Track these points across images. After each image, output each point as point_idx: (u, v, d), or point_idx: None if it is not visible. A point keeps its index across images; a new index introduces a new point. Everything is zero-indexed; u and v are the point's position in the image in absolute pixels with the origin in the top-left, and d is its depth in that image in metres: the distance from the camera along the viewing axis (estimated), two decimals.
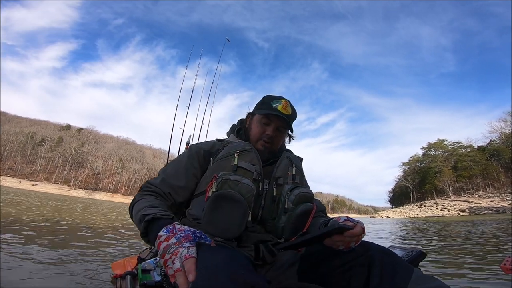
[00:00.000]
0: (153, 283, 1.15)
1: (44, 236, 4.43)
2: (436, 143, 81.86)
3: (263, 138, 1.19)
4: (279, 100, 1.20)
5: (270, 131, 1.19)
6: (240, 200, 0.99)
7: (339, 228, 0.81)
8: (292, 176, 1.15)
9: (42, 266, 2.60)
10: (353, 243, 0.85)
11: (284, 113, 1.17)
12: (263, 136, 1.20)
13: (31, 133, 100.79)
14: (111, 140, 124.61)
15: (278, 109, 1.17)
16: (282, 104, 1.18)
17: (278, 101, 1.20)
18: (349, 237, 0.83)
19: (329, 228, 0.82)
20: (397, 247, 1.29)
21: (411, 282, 0.74)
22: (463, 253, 4.84)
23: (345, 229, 0.81)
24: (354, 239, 0.84)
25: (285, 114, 1.18)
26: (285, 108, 1.18)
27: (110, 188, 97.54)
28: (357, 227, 0.85)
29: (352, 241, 0.84)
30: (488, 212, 43.80)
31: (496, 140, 67.85)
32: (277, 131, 1.20)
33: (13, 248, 3.20)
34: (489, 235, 8.29)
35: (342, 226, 0.81)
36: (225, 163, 1.09)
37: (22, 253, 3.04)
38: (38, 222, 6.19)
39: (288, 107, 1.20)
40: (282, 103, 1.19)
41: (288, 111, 1.19)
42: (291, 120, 1.21)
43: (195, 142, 1.85)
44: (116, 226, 7.81)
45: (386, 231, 12.34)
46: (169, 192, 1.09)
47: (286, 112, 1.18)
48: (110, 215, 12.76)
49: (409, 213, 57.84)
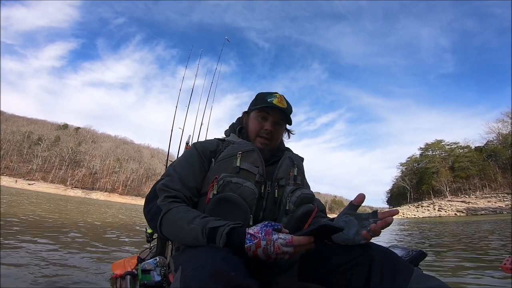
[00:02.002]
0: (153, 283, 1.15)
1: (44, 236, 4.40)
2: (434, 144, 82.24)
3: (261, 134, 1.17)
4: (273, 95, 1.18)
5: (268, 126, 1.16)
6: (241, 204, 0.97)
7: (323, 226, 0.79)
8: (294, 177, 1.13)
9: (42, 266, 2.58)
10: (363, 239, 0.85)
11: (281, 106, 1.15)
12: (261, 132, 1.17)
13: (27, 132, 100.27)
14: (109, 139, 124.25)
15: (274, 103, 1.15)
16: (277, 98, 1.16)
17: (272, 95, 1.18)
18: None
19: (313, 227, 0.81)
20: (397, 247, 1.28)
21: (411, 281, 0.74)
22: (463, 253, 4.86)
23: (330, 227, 0.80)
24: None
25: (282, 108, 1.16)
26: (281, 102, 1.16)
27: (107, 188, 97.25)
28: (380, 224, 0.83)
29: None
30: (485, 212, 44.11)
31: (493, 141, 68.30)
32: (275, 125, 1.19)
33: (13, 248, 3.16)
34: (488, 235, 8.32)
35: (326, 224, 0.80)
36: (227, 164, 1.06)
37: (22, 252, 3.01)
38: (37, 222, 6.15)
39: (283, 101, 1.18)
40: (277, 97, 1.17)
41: (283, 104, 1.17)
42: (288, 112, 1.20)
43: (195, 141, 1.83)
44: (116, 226, 7.78)
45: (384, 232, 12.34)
46: (190, 195, 1.05)
47: (282, 106, 1.16)
48: (109, 215, 12.71)
49: (406, 213, 58.06)
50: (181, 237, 0.94)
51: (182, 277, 0.68)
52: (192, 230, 0.88)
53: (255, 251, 0.79)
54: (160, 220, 0.98)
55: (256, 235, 0.81)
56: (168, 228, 0.97)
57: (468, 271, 3.23)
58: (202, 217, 0.92)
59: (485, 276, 2.96)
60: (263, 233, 0.80)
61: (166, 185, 1.05)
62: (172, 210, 0.97)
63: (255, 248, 0.79)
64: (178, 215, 0.95)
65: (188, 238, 0.90)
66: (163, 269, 1.21)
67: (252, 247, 0.80)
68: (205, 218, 0.91)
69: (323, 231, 0.81)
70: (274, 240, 0.78)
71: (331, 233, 0.83)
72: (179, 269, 0.76)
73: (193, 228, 0.88)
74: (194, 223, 0.89)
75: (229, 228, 0.84)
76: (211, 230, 0.85)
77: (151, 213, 1.04)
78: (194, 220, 0.90)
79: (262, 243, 0.79)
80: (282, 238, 0.78)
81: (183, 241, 0.94)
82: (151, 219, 1.05)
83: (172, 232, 0.97)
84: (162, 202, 1.01)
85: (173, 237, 1.00)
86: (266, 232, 0.80)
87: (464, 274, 3.09)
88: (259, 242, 0.79)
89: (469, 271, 3.26)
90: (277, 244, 0.78)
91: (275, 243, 0.78)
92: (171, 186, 1.04)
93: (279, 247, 0.78)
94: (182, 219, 0.93)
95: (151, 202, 1.08)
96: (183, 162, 1.13)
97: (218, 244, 0.83)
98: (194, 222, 0.90)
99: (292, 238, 0.78)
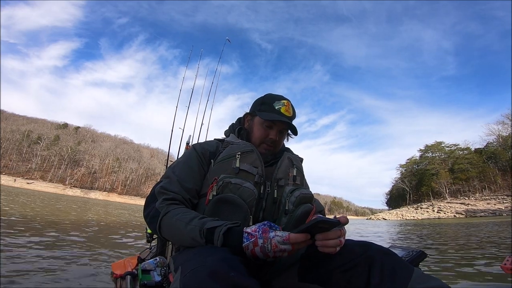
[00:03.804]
0: (153, 283, 1.15)
1: (43, 235, 4.39)
2: (434, 145, 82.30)
3: (266, 142, 1.17)
4: (281, 102, 1.17)
5: (273, 135, 1.16)
6: (241, 205, 0.98)
7: (318, 221, 0.78)
8: (293, 177, 1.14)
9: (41, 266, 2.57)
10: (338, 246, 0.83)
11: (287, 115, 1.16)
12: (266, 140, 1.17)
13: (27, 131, 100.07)
14: (108, 139, 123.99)
15: (281, 112, 1.15)
16: (284, 106, 1.16)
17: (280, 102, 1.17)
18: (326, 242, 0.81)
19: (309, 223, 0.79)
20: (397, 247, 1.29)
21: (412, 282, 0.74)
22: (463, 253, 4.86)
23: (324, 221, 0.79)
24: (333, 243, 0.81)
25: (288, 117, 1.16)
26: (288, 110, 1.17)
27: (106, 187, 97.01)
28: (332, 233, 0.81)
29: (333, 245, 0.82)
30: (484, 214, 44.12)
31: (493, 143, 68.35)
32: (280, 134, 1.19)
33: (12, 248, 3.15)
34: (488, 236, 8.33)
35: (321, 219, 0.78)
36: (226, 165, 1.06)
37: (22, 252, 3.00)
38: (36, 221, 6.13)
39: (290, 108, 1.18)
40: (284, 105, 1.16)
41: (290, 112, 1.17)
42: (292, 121, 1.20)
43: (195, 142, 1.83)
44: (115, 226, 7.76)
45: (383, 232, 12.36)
46: (189, 197, 1.06)
47: (289, 114, 1.17)
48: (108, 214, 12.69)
49: (405, 215, 58.11)
50: (179, 238, 0.94)
51: (182, 277, 0.68)
52: (190, 231, 0.89)
53: (253, 250, 0.79)
54: (159, 223, 0.98)
55: (253, 233, 0.81)
56: (167, 230, 0.97)
57: (468, 271, 3.24)
58: (200, 218, 0.92)
59: (485, 276, 2.96)
60: (260, 231, 0.81)
61: (164, 188, 1.05)
62: (170, 212, 0.97)
63: (253, 247, 0.79)
64: (176, 216, 0.95)
65: (186, 240, 0.91)
66: (163, 269, 1.21)
67: (249, 246, 0.80)
68: (203, 219, 0.91)
69: (320, 226, 0.80)
70: (271, 238, 0.79)
71: (327, 228, 0.81)
72: (178, 269, 0.76)
73: (191, 229, 0.89)
74: (192, 224, 0.90)
75: (226, 228, 0.84)
76: (208, 231, 0.85)
77: (150, 215, 1.05)
78: (192, 221, 0.91)
79: (259, 241, 0.79)
80: (279, 236, 0.78)
81: (182, 242, 0.95)
82: (150, 222, 1.05)
83: (171, 234, 0.97)
84: (160, 204, 1.01)
85: (172, 238, 1.01)
86: (263, 230, 0.81)
87: (465, 274, 3.10)
88: (256, 241, 0.79)
89: (469, 271, 3.27)
90: (274, 241, 0.78)
91: (272, 241, 0.78)
92: (170, 189, 1.04)
93: (277, 245, 0.78)
94: (180, 220, 0.93)
95: (150, 205, 1.08)
96: (182, 164, 1.12)
97: (216, 244, 0.83)
98: (192, 223, 0.90)
99: (289, 235, 0.78)
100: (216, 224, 0.87)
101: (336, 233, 0.81)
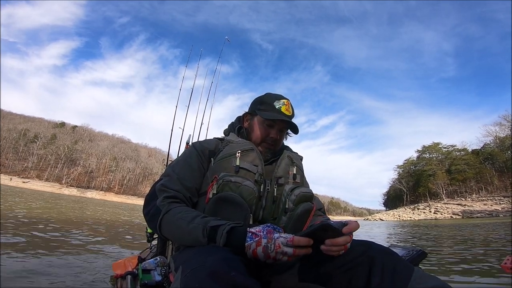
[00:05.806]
0: (154, 283, 1.15)
1: (43, 235, 4.35)
2: (431, 146, 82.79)
3: (267, 140, 1.17)
4: (281, 101, 1.17)
5: (274, 134, 1.17)
6: (241, 203, 0.97)
7: (323, 226, 0.77)
8: (293, 175, 1.13)
9: (41, 266, 2.55)
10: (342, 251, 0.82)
11: (288, 115, 1.16)
12: (267, 139, 1.17)
13: (24, 130, 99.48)
14: (106, 138, 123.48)
15: (282, 111, 1.15)
16: (285, 105, 1.16)
17: (280, 101, 1.17)
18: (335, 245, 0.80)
19: (314, 227, 0.79)
20: (398, 247, 1.29)
21: (412, 281, 0.74)
22: (462, 253, 4.87)
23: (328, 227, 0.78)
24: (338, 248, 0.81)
25: (289, 116, 1.17)
26: (288, 109, 1.17)
27: (103, 187, 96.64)
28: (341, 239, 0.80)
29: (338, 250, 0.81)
30: (481, 215, 44.33)
31: (491, 144, 68.83)
32: (280, 132, 1.20)
33: (11, 248, 3.13)
34: (487, 236, 8.37)
35: (326, 224, 0.77)
36: (226, 164, 1.06)
37: (22, 252, 2.98)
38: (36, 221, 6.09)
39: (290, 108, 1.18)
40: (284, 104, 1.17)
41: (290, 111, 1.18)
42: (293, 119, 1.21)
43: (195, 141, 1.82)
44: (115, 225, 7.73)
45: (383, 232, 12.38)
46: (189, 196, 1.05)
47: (289, 113, 1.17)
48: (109, 215, 12.63)
49: (402, 215, 58.40)
50: (181, 237, 0.93)
51: (182, 277, 0.68)
52: (192, 230, 0.88)
53: (255, 250, 0.79)
54: (160, 221, 0.97)
55: (258, 233, 0.81)
56: (168, 229, 0.97)
57: (468, 271, 3.25)
58: (202, 217, 0.92)
59: (485, 276, 2.96)
60: (265, 232, 0.80)
61: (165, 186, 1.04)
62: (172, 210, 0.97)
63: (255, 247, 0.79)
64: (178, 215, 0.94)
65: (188, 238, 0.90)
66: (163, 269, 1.21)
67: (252, 245, 0.79)
68: (205, 218, 0.91)
69: (322, 232, 0.79)
70: (275, 238, 0.78)
71: (331, 235, 0.80)
72: (179, 269, 0.76)
73: (193, 228, 0.88)
74: (194, 222, 0.89)
75: (229, 227, 0.84)
76: (212, 229, 0.85)
77: (150, 214, 1.04)
78: (194, 220, 0.90)
79: (263, 241, 0.79)
80: (283, 237, 0.78)
81: (183, 241, 0.94)
82: (150, 220, 1.05)
83: (172, 232, 0.96)
84: (161, 202, 1.00)
85: (173, 237, 1.00)
86: (268, 231, 0.81)
87: (465, 274, 3.10)
88: (260, 240, 0.79)
89: (469, 270, 3.28)
90: (278, 242, 0.77)
91: (276, 241, 0.77)
92: (170, 187, 1.03)
93: (280, 246, 0.77)
94: (181, 219, 0.92)
95: (151, 203, 1.07)
96: (182, 162, 1.12)
97: (219, 243, 0.83)
98: (194, 222, 0.89)
99: (293, 237, 0.78)
100: (220, 223, 0.86)
101: (346, 239, 0.80)
